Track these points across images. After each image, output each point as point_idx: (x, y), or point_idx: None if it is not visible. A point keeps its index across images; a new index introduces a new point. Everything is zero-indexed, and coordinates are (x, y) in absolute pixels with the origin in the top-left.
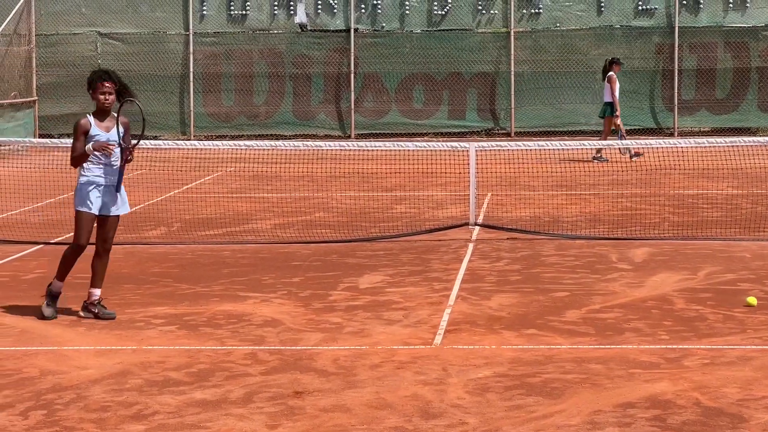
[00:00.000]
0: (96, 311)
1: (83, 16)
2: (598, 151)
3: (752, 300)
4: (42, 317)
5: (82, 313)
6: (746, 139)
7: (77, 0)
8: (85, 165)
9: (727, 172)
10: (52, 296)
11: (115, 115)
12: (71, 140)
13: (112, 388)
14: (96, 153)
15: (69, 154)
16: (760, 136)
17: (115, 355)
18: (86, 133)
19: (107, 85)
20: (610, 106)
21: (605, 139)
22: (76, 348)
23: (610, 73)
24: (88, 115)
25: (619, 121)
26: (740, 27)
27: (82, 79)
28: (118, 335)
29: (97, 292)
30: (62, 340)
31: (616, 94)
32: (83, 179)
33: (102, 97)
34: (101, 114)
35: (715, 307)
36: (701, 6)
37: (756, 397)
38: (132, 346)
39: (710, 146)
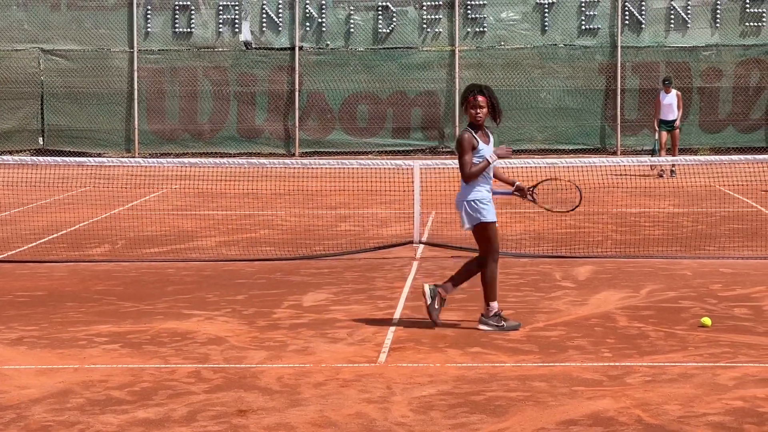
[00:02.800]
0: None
1: (25, 32)
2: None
3: (707, 321)
4: (512, 329)
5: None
6: (687, 158)
7: (19, 16)
8: (476, 186)
9: (669, 191)
10: (500, 316)
11: (487, 128)
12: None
13: (53, 408)
14: (500, 158)
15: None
16: (701, 155)
17: (57, 374)
18: (474, 147)
19: (479, 99)
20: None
21: (675, 154)
22: (17, 367)
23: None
24: (468, 130)
25: (656, 136)
26: (681, 47)
27: (24, 96)
28: (60, 354)
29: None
30: (2, 359)
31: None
32: (480, 194)
33: (474, 111)
34: (475, 128)
35: (657, 324)
36: (643, 26)
37: (697, 414)
38: (74, 365)
39: (652, 165)
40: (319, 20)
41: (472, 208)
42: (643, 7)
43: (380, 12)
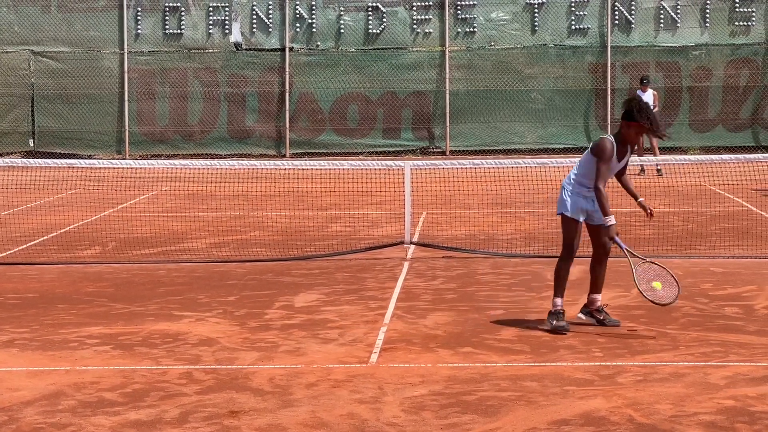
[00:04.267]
0: (602, 317)
1: (15, 34)
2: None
3: (657, 285)
4: (560, 331)
5: (583, 317)
6: (677, 157)
7: (9, 18)
8: (579, 183)
9: (659, 190)
10: (556, 314)
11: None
12: None
13: (44, 410)
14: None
15: None
16: (691, 154)
17: (48, 376)
18: (611, 158)
19: (645, 127)
20: None
21: (656, 153)
22: (8, 369)
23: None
24: (612, 140)
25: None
26: (671, 47)
27: (14, 98)
28: (52, 356)
29: (599, 298)
30: None
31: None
32: (579, 187)
33: (637, 137)
34: (621, 143)
35: (648, 324)
36: (633, 26)
37: (688, 414)
38: (65, 367)
39: (642, 164)
40: (310, 21)
41: (563, 196)
42: (632, 7)
43: (370, 12)
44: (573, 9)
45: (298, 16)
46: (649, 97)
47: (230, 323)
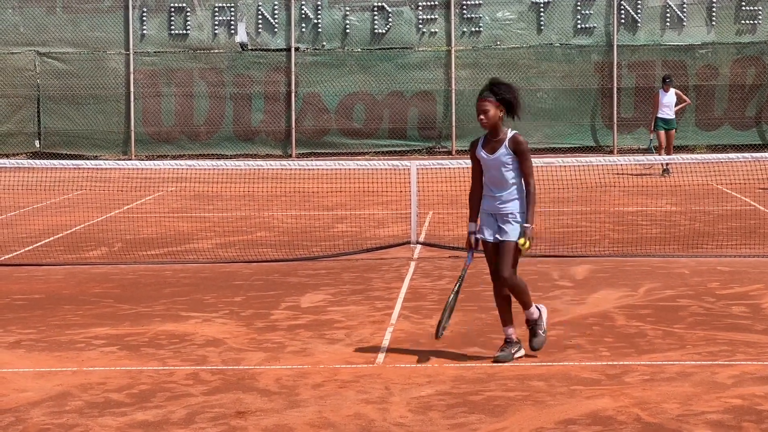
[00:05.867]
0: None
1: (21, 35)
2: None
3: (523, 242)
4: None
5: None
6: (684, 156)
7: (15, 19)
8: None
9: (666, 190)
10: (505, 343)
11: (509, 134)
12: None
13: (51, 411)
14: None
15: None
16: (698, 153)
17: (55, 377)
18: (474, 157)
19: (481, 102)
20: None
21: (670, 153)
22: (15, 370)
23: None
24: (479, 138)
25: (652, 136)
26: (677, 45)
27: (19, 99)
28: (58, 357)
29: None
30: (0, 362)
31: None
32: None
33: (478, 117)
34: (489, 134)
35: (655, 323)
36: (639, 24)
37: (695, 413)
38: (72, 368)
39: (649, 164)
40: (315, 21)
41: None
42: (638, 6)
43: (376, 12)
44: (579, 8)
45: (303, 16)
46: (672, 97)
47: (237, 324)
